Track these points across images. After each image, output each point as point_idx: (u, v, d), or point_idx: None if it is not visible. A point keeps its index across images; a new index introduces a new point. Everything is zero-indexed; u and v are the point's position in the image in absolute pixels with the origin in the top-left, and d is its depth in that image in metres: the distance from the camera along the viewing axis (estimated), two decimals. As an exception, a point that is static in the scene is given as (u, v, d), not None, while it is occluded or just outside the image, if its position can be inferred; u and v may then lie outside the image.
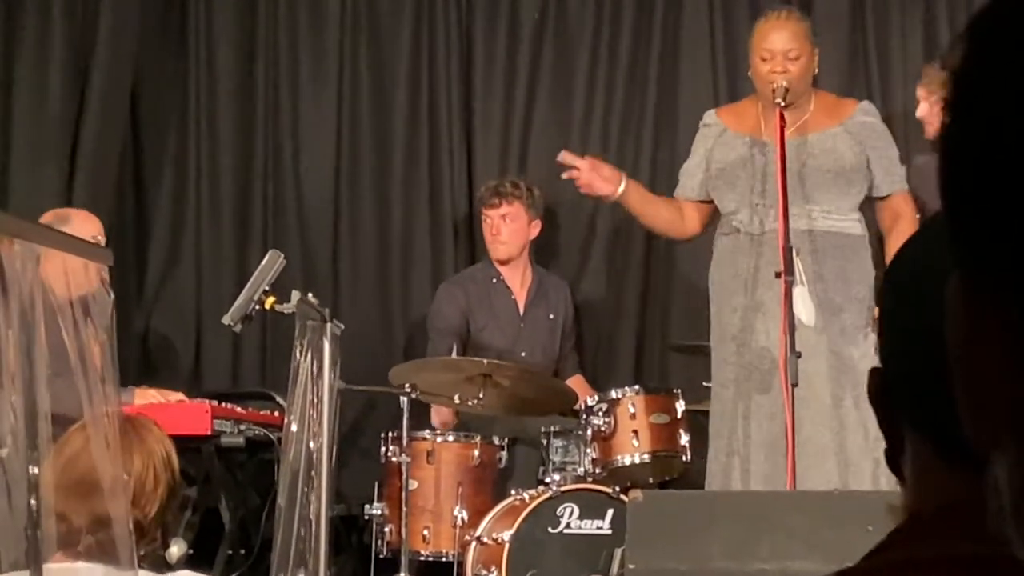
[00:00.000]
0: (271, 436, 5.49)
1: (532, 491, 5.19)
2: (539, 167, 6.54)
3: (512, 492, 5.27)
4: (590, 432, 5.21)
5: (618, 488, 5.10)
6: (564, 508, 5.10)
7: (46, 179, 6.26)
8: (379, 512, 5.37)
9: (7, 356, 2.27)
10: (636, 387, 5.35)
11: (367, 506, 5.44)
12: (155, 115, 6.78)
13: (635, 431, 5.19)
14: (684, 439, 5.22)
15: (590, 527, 5.10)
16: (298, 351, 4.19)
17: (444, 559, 5.33)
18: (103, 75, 6.39)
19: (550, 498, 5.10)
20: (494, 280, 6.06)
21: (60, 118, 6.32)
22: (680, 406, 5.26)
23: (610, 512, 5.08)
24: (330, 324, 4.23)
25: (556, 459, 5.44)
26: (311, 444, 4.17)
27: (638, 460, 5.19)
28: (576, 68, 6.72)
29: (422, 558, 5.37)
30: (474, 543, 5.15)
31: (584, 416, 5.24)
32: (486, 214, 6.04)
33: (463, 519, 5.29)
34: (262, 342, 6.65)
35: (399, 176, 6.74)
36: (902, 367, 0.93)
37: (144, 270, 6.76)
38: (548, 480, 5.23)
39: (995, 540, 0.66)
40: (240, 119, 6.80)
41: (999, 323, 0.65)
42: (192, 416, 5.36)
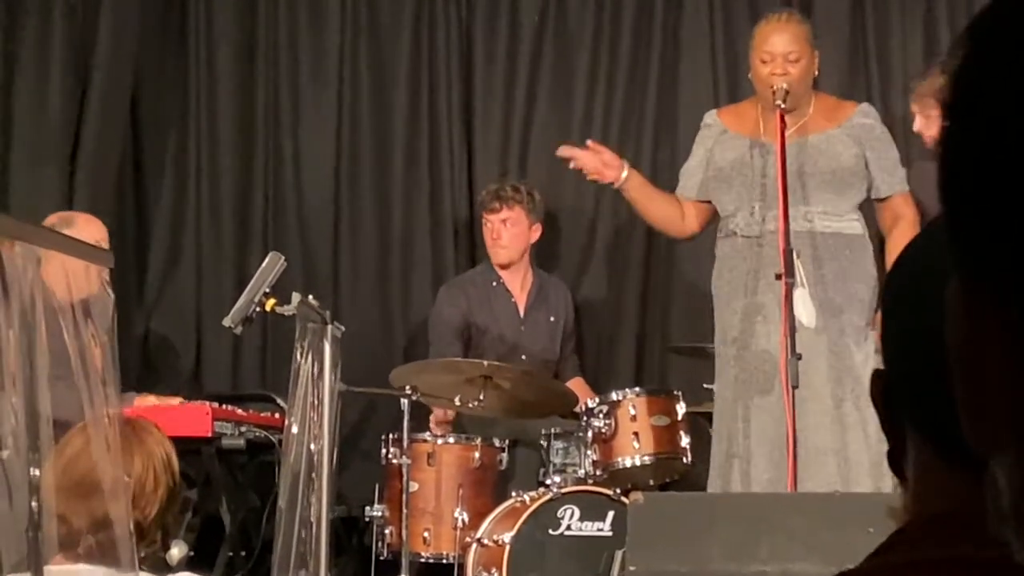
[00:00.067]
0: (272, 438, 5.49)
1: (533, 493, 5.19)
2: (539, 167, 6.54)
3: (513, 494, 5.27)
4: (591, 434, 5.20)
5: (619, 490, 5.10)
6: (565, 510, 5.10)
7: (46, 180, 6.26)
8: (380, 514, 5.37)
9: (8, 358, 2.27)
10: (637, 389, 5.34)
11: (368, 508, 5.44)
12: (155, 115, 6.78)
13: (636, 433, 5.18)
14: (685, 441, 5.22)
15: (591, 529, 5.10)
16: (299, 353, 4.19)
17: (445, 561, 5.33)
18: (103, 75, 6.39)
19: (551, 500, 5.09)
20: (494, 283, 6.05)
21: (60, 119, 6.31)
22: (681, 408, 5.26)
23: (611, 514, 5.08)
24: (331, 326, 4.23)
25: (557, 461, 5.44)
26: (312, 446, 4.16)
27: (639, 462, 5.19)
28: (576, 68, 6.71)
29: (423, 560, 5.36)
30: (475, 545, 5.14)
31: (585, 418, 5.24)
32: (487, 219, 6.03)
33: (464, 521, 5.29)
34: (263, 344, 6.64)
35: (399, 176, 6.74)
36: (904, 368, 0.93)
37: (144, 271, 6.76)
38: (549, 482, 5.22)
39: (996, 542, 0.66)
40: (240, 119, 6.80)
41: (999, 324, 0.65)
42: (193, 418, 5.36)
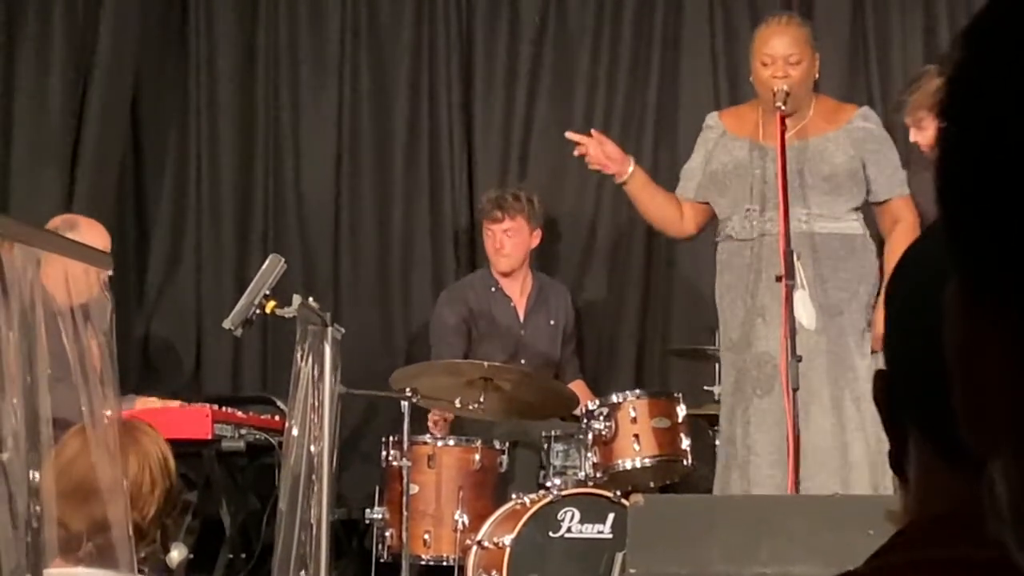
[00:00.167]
0: (272, 440, 5.49)
1: (533, 495, 5.19)
2: (539, 168, 6.54)
3: (513, 496, 5.27)
4: (591, 436, 5.20)
5: (619, 492, 5.10)
6: (565, 512, 5.09)
7: (47, 181, 6.26)
8: (380, 516, 5.36)
9: (8, 359, 2.27)
10: (637, 391, 5.34)
11: (368, 510, 5.43)
12: (155, 116, 6.78)
13: (636, 435, 5.18)
14: (685, 443, 5.22)
15: (591, 531, 5.10)
16: (299, 355, 4.19)
17: (445, 563, 5.32)
18: (103, 76, 6.39)
19: (551, 502, 5.09)
20: (493, 289, 6.04)
21: (61, 120, 6.31)
22: (681, 410, 5.26)
23: (611, 516, 5.08)
24: (331, 328, 4.23)
25: (557, 463, 5.43)
26: (312, 448, 4.16)
27: (639, 464, 5.18)
28: (576, 69, 6.71)
29: (423, 562, 5.36)
30: (475, 547, 5.14)
31: (585, 420, 5.24)
32: (488, 228, 6.01)
33: (464, 523, 5.28)
34: (263, 346, 6.64)
35: (399, 178, 6.74)
36: (905, 369, 0.93)
37: (144, 272, 6.75)
38: (549, 484, 5.22)
39: (997, 543, 0.66)
40: (240, 119, 6.79)
41: (998, 324, 0.65)
42: (193, 421, 5.36)
